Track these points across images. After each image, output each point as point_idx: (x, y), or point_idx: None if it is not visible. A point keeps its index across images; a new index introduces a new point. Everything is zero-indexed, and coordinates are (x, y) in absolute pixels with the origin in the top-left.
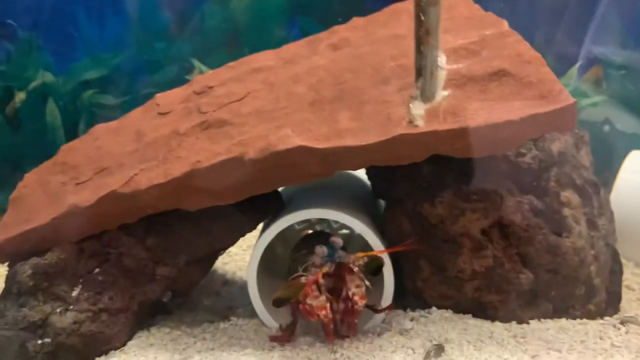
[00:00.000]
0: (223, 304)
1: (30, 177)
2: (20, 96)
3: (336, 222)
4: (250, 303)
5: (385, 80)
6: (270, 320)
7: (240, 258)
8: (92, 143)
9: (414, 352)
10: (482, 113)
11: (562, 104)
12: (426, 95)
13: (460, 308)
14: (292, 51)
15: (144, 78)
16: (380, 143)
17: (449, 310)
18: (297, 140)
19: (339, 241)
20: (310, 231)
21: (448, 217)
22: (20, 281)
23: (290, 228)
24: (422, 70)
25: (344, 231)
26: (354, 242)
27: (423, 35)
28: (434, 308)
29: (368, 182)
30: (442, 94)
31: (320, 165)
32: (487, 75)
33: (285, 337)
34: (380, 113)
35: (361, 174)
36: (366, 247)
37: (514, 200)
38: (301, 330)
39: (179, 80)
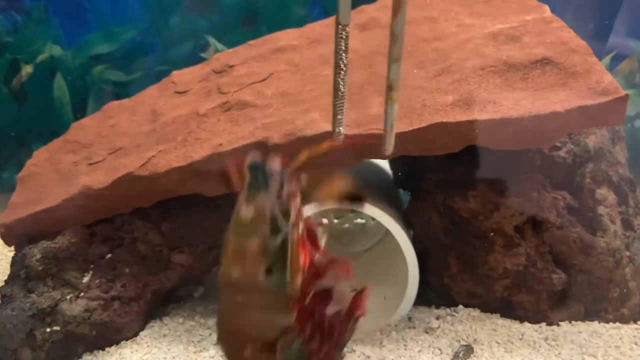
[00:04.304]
0: None
1: (40, 155)
2: (27, 70)
3: (353, 211)
4: None
5: (419, 65)
6: None
7: None
8: (105, 121)
9: (442, 353)
10: (524, 103)
11: (612, 96)
12: (386, 148)
13: (488, 307)
14: (317, 31)
15: (156, 54)
16: (415, 131)
17: (477, 309)
18: (325, 126)
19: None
20: (324, 220)
21: (481, 212)
22: (29, 265)
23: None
24: (385, 122)
25: (360, 220)
26: (370, 232)
27: (387, 91)
28: (460, 306)
29: (388, 170)
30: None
31: (349, 153)
32: (529, 63)
33: None
34: (414, 99)
35: (379, 160)
36: (384, 239)
37: (549, 196)
38: None
39: (194, 58)
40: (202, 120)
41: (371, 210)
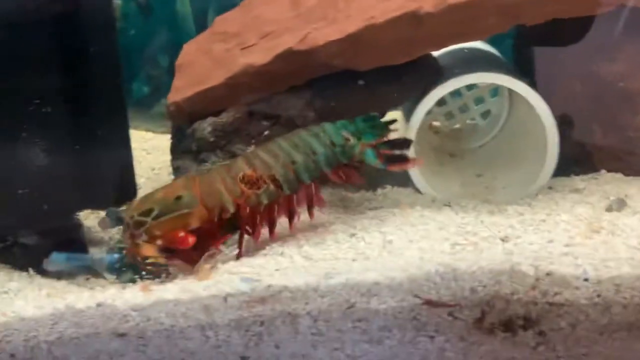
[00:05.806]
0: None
1: (190, 47)
2: None
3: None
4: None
5: None
6: (427, 188)
7: None
8: (247, 13)
9: (594, 207)
10: None
11: None
12: None
13: (631, 171)
14: None
15: None
16: None
17: (619, 172)
18: None
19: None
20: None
21: (628, 74)
22: (200, 138)
23: None
24: None
25: (470, 120)
26: (482, 131)
27: None
28: (603, 171)
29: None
30: None
31: (499, 18)
32: None
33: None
34: None
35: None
36: (498, 135)
37: None
38: None
39: None
40: None
41: (506, 80)
